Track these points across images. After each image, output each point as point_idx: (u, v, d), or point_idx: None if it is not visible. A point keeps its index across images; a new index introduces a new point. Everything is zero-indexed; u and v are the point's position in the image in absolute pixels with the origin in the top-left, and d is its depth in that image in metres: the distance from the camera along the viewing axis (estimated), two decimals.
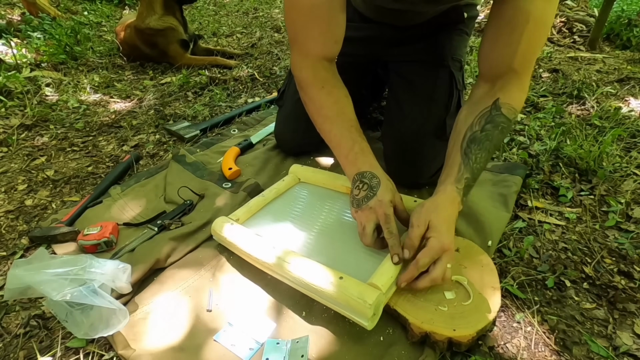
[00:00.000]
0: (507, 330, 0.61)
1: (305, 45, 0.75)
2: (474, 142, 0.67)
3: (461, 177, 0.66)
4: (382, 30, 0.96)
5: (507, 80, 0.68)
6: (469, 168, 0.66)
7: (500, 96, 0.68)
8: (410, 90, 0.94)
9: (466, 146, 0.68)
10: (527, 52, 0.66)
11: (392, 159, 0.96)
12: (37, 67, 1.77)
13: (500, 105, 0.67)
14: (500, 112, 0.67)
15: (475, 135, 0.68)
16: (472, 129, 0.68)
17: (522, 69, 0.68)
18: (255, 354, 0.57)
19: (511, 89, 0.68)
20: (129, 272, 0.65)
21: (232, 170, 0.97)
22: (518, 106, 0.69)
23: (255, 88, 1.62)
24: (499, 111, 0.67)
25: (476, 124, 0.68)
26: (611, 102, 1.33)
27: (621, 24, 2.03)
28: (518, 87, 0.69)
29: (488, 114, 0.68)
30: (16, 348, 0.61)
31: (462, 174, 0.66)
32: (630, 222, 0.82)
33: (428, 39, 0.94)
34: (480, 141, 0.67)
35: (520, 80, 0.69)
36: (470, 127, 0.69)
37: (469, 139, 0.68)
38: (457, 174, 0.66)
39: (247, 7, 3.13)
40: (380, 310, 0.58)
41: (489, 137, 0.67)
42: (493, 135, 0.67)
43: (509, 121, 0.68)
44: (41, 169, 1.08)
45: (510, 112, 0.68)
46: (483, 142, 0.67)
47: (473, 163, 0.66)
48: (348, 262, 0.68)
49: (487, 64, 0.72)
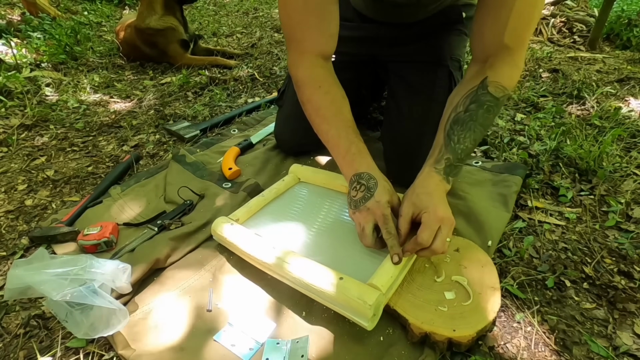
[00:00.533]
0: (507, 330, 0.61)
1: (301, 42, 0.75)
2: (457, 122, 0.68)
3: (441, 157, 0.67)
4: (381, 30, 0.96)
5: (498, 58, 0.68)
6: (450, 148, 0.67)
7: (489, 74, 0.68)
8: (409, 91, 0.95)
9: (449, 127, 0.69)
10: (518, 26, 0.65)
11: (391, 159, 0.96)
12: (37, 67, 1.77)
13: (487, 84, 0.67)
14: (486, 91, 0.67)
15: (459, 116, 0.68)
16: (456, 110, 0.69)
17: (514, 43, 0.67)
18: (255, 354, 0.57)
19: (502, 67, 0.68)
20: (129, 272, 0.65)
21: (232, 170, 0.97)
22: (508, 84, 0.68)
23: (255, 88, 1.62)
24: (485, 90, 0.67)
25: (461, 104, 0.69)
26: (611, 102, 1.33)
27: (621, 24, 2.03)
28: (509, 64, 0.68)
29: (474, 94, 0.68)
30: (16, 348, 0.61)
31: (442, 155, 0.67)
32: (630, 222, 0.82)
33: (427, 39, 0.94)
34: (463, 121, 0.68)
35: (512, 57, 0.68)
36: (455, 108, 0.70)
37: (452, 120, 0.69)
38: (437, 155, 0.68)
39: (247, 7, 3.13)
40: (381, 311, 0.58)
41: (473, 117, 0.67)
42: (477, 114, 0.67)
43: (496, 99, 0.67)
44: (41, 169, 1.08)
45: (498, 90, 0.67)
46: (467, 122, 0.67)
47: (455, 143, 0.67)
48: (348, 262, 0.68)
49: (479, 43, 0.71)
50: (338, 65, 1.04)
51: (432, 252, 0.60)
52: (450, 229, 0.61)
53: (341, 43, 1.05)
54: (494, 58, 0.68)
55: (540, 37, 2.12)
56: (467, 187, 0.92)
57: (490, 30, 0.68)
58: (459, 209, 0.84)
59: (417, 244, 0.60)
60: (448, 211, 0.62)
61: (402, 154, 0.91)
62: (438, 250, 0.60)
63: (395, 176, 0.95)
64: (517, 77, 0.70)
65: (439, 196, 0.64)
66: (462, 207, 0.84)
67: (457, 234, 0.78)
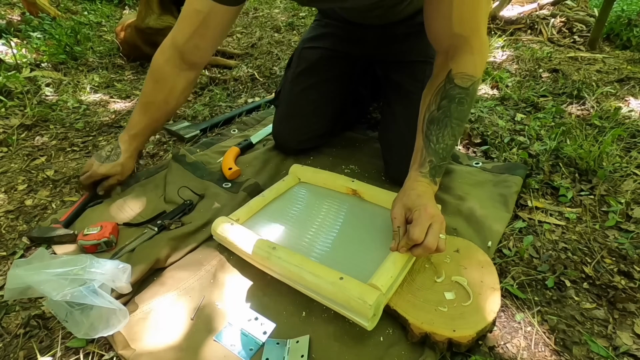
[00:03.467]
0: (507, 330, 0.61)
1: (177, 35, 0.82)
2: (432, 122, 0.69)
3: (424, 161, 0.69)
4: (365, 31, 0.98)
5: (457, 48, 0.69)
6: (430, 150, 0.69)
7: (452, 67, 0.68)
8: (399, 92, 0.96)
9: (426, 128, 0.70)
10: (464, 14, 0.66)
11: (388, 160, 0.97)
12: (37, 67, 1.77)
13: (453, 77, 0.68)
14: (453, 84, 0.68)
15: (433, 115, 0.69)
16: (429, 110, 0.70)
17: (465, 31, 0.67)
18: (255, 354, 0.57)
19: (461, 56, 0.69)
20: (129, 272, 0.65)
21: (232, 170, 0.97)
22: (472, 71, 0.68)
23: (255, 88, 1.62)
24: (452, 83, 0.68)
25: (433, 102, 0.70)
26: (611, 102, 1.33)
27: (621, 24, 2.03)
28: (468, 52, 0.68)
29: (443, 89, 0.69)
30: (16, 348, 0.61)
31: (425, 158, 0.69)
32: (630, 222, 0.82)
33: (412, 39, 0.95)
34: (438, 120, 0.69)
35: (469, 44, 0.68)
36: (428, 107, 0.71)
37: (427, 120, 0.70)
38: (420, 159, 0.69)
39: (247, 7, 3.13)
40: (381, 311, 0.58)
41: (447, 114, 0.68)
42: (450, 109, 0.68)
43: (466, 90, 0.68)
44: (41, 169, 1.08)
45: (464, 81, 0.68)
46: (442, 120, 0.68)
47: (435, 144, 0.68)
48: (348, 262, 0.68)
49: (433, 38, 0.73)
50: (330, 61, 1.05)
51: (426, 248, 0.60)
52: (441, 226, 0.62)
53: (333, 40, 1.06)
54: (453, 49, 0.69)
55: (540, 37, 2.13)
56: (468, 187, 0.92)
57: (439, 24, 0.69)
58: (459, 209, 0.84)
59: (410, 239, 0.60)
60: (437, 210, 0.64)
61: (397, 155, 0.91)
62: (431, 246, 0.59)
63: (394, 177, 0.95)
64: (481, 62, 0.71)
65: (428, 197, 0.65)
66: (463, 208, 0.84)
67: (457, 235, 0.78)
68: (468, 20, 0.67)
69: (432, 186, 0.68)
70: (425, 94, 0.73)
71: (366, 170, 1.01)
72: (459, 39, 0.68)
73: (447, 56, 0.70)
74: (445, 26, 0.67)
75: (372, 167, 1.02)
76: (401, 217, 0.64)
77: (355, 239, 0.74)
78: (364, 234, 0.75)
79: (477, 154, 1.10)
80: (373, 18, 0.93)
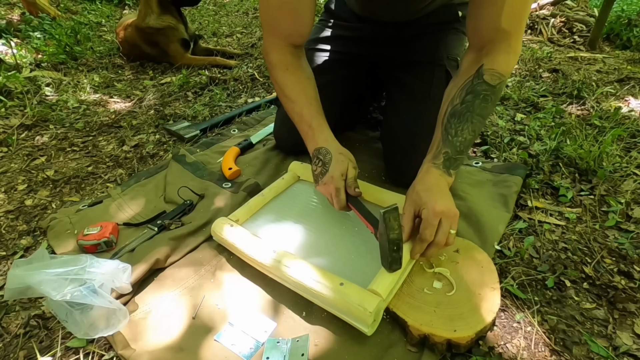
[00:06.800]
0: (507, 330, 0.61)
1: (276, 29, 0.79)
2: (454, 115, 0.69)
3: (439, 152, 0.68)
4: (376, 30, 0.97)
5: (495, 44, 0.67)
6: (447, 142, 0.68)
7: (484, 62, 0.67)
8: (405, 92, 0.95)
9: (446, 121, 0.69)
10: (515, 9, 0.64)
11: (390, 159, 0.96)
12: (37, 67, 1.77)
13: (483, 72, 0.67)
14: (482, 80, 0.67)
15: (455, 109, 0.69)
16: (452, 103, 0.70)
17: (512, 27, 0.66)
18: (256, 353, 0.57)
19: (498, 53, 0.67)
20: (129, 272, 0.65)
21: (232, 170, 0.97)
22: (504, 70, 0.67)
23: (255, 88, 1.62)
24: (481, 79, 0.67)
25: (457, 96, 0.69)
26: (611, 102, 1.33)
27: (621, 24, 2.03)
28: (506, 50, 0.67)
29: (470, 84, 0.68)
30: (16, 348, 0.61)
31: (440, 150, 0.68)
32: (630, 222, 0.82)
33: (422, 40, 0.94)
34: (460, 114, 0.68)
35: (509, 42, 0.67)
36: (451, 100, 0.70)
37: (449, 113, 0.69)
38: (435, 150, 0.69)
39: (247, 7, 3.13)
40: (380, 316, 0.58)
41: (470, 109, 0.67)
42: (474, 105, 0.67)
43: (492, 87, 0.67)
44: (41, 169, 1.08)
45: (494, 78, 0.67)
46: (464, 114, 0.68)
47: (453, 137, 0.68)
48: (347, 264, 0.68)
49: (475, 29, 0.71)
50: (334, 63, 1.04)
51: (437, 246, 0.61)
52: (452, 221, 0.62)
53: (338, 42, 1.05)
54: (490, 45, 0.68)
55: (540, 37, 2.12)
56: (468, 187, 0.92)
57: (487, 15, 0.66)
58: (459, 209, 0.83)
59: (422, 240, 0.61)
60: (449, 204, 0.63)
61: (400, 155, 0.91)
62: (440, 244, 0.60)
63: (394, 177, 0.95)
64: (514, 62, 0.70)
65: (438, 191, 0.64)
66: (463, 208, 0.84)
67: (457, 235, 0.78)
68: (517, 16, 0.65)
69: (446, 177, 0.67)
70: (451, 88, 0.72)
71: (366, 170, 1.01)
72: (502, 34, 0.66)
73: (480, 52, 0.69)
74: (494, 19, 0.65)
75: (372, 167, 1.02)
76: (410, 214, 0.65)
77: (355, 239, 0.74)
78: (364, 233, 0.75)
79: (477, 153, 1.10)
80: (394, 12, 0.91)
